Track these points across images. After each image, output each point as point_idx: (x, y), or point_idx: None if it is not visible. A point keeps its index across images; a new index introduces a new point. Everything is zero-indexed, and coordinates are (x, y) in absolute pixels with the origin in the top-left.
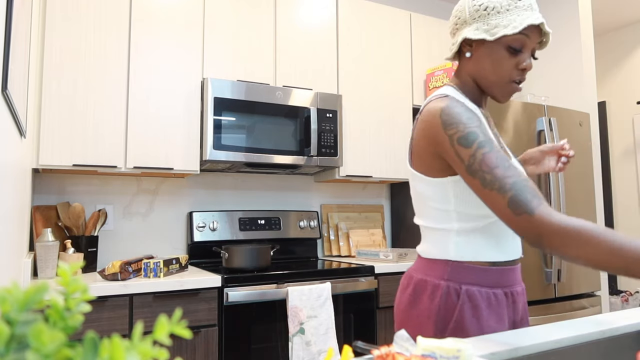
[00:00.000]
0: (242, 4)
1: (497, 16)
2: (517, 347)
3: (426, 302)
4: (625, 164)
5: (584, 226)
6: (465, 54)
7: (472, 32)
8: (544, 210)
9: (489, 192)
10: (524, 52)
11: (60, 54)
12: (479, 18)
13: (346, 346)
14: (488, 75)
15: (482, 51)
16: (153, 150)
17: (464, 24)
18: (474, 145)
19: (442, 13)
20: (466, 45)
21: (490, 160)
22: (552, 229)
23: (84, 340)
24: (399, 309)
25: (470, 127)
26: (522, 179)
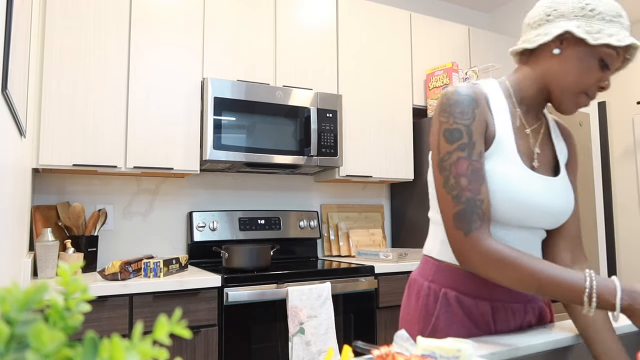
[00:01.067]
0: (242, 4)
1: (601, 22)
2: (517, 347)
3: (414, 302)
4: (625, 164)
5: (507, 253)
6: (552, 50)
7: (574, 27)
8: (479, 234)
9: (446, 195)
10: (610, 69)
11: (60, 54)
12: (582, 17)
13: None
14: (569, 80)
15: (573, 53)
16: (153, 150)
17: (561, 17)
18: (455, 144)
19: (442, 13)
20: (557, 41)
21: (461, 167)
22: (477, 251)
23: (84, 340)
24: (401, 307)
25: (460, 123)
26: (478, 197)
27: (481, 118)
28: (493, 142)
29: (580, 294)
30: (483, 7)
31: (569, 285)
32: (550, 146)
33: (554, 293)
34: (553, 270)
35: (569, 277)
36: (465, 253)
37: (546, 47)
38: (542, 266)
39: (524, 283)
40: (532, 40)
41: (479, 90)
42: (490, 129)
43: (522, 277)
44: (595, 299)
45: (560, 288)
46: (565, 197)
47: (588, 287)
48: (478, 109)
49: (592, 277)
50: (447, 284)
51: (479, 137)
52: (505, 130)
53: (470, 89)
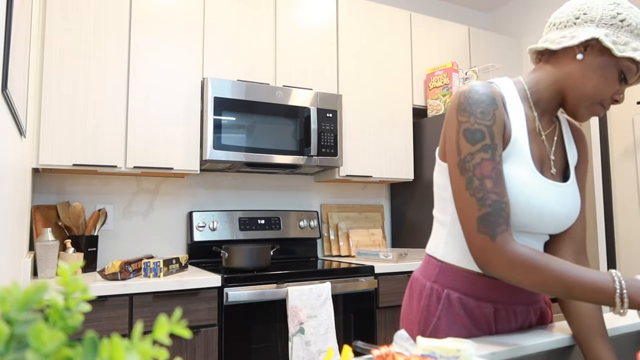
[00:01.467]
0: (242, 4)
1: (629, 35)
2: (517, 347)
3: (415, 302)
4: (625, 164)
5: (533, 256)
6: (575, 54)
7: (602, 36)
8: (505, 238)
9: (469, 197)
10: (627, 83)
11: (60, 54)
12: (611, 26)
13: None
14: (587, 88)
15: (596, 61)
16: (153, 150)
17: (590, 22)
18: (477, 145)
19: (442, 13)
20: (581, 46)
21: (486, 168)
22: (503, 256)
23: (84, 339)
24: (402, 306)
25: (481, 123)
26: (503, 200)
27: (500, 119)
28: (509, 144)
29: (611, 295)
30: (483, 7)
31: (597, 287)
32: (562, 150)
33: (582, 295)
34: (580, 272)
35: (596, 279)
36: (490, 258)
37: (569, 51)
38: (568, 268)
39: (550, 286)
40: (556, 41)
41: (496, 90)
42: (507, 130)
43: (548, 280)
44: (627, 299)
45: (588, 290)
46: (573, 204)
47: (618, 287)
48: (498, 109)
49: (619, 278)
50: (450, 285)
51: (500, 139)
52: (520, 133)
53: (489, 88)
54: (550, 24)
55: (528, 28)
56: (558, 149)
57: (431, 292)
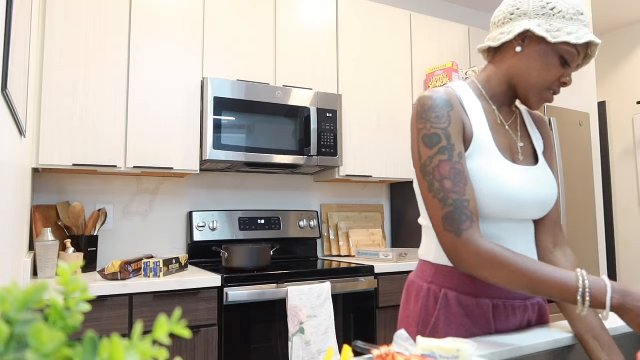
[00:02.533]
0: (242, 4)
1: (561, 21)
2: (517, 347)
3: (413, 304)
4: (625, 164)
5: (499, 253)
6: (514, 48)
7: (534, 26)
8: (470, 235)
9: (432, 199)
10: (570, 66)
11: (60, 54)
12: (542, 15)
13: (346, 346)
14: (532, 77)
15: (534, 50)
16: (153, 150)
17: (524, 15)
18: (434, 148)
19: (442, 13)
20: (519, 39)
21: (444, 169)
22: (469, 251)
23: (84, 339)
24: (400, 309)
25: (437, 127)
26: (465, 198)
27: (457, 119)
28: (472, 141)
29: (573, 294)
30: (483, 7)
31: (562, 285)
32: (527, 137)
33: (547, 292)
34: (545, 270)
35: (561, 277)
36: (458, 254)
37: (510, 45)
38: (535, 266)
39: (516, 282)
40: (496, 38)
41: (451, 92)
42: (468, 129)
43: (515, 277)
44: (589, 298)
45: (553, 287)
46: (548, 185)
47: (581, 286)
48: (453, 110)
49: (584, 277)
50: (447, 285)
51: (457, 138)
52: (482, 128)
53: (442, 92)
54: (492, 24)
55: None
56: (524, 136)
57: (428, 293)
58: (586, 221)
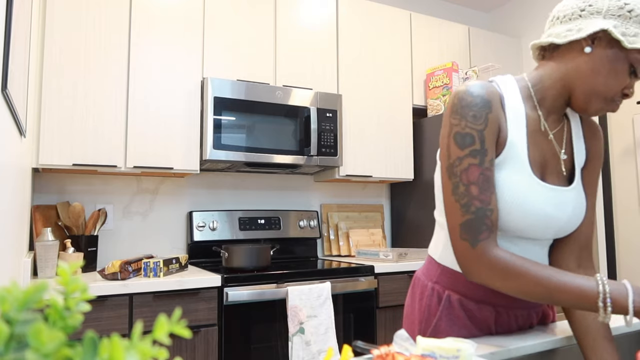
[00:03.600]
0: (242, 4)
1: (638, 25)
2: (517, 347)
3: (417, 302)
4: (625, 164)
5: (513, 261)
6: (582, 48)
7: (611, 27)
8: (485, 245)
9: (454, 202)
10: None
11: (60, 54)
12: (619, 17)
13: (346, 346)
14: (596, 82)
15: (605, 54)
16: (153, 149)
17: (597, 13)
18: (466, 150)
19: (442, 13)
20: (589, 39)
21: (473, 174)
22: (483, 263)
23: (84, 339)
24: (405, 305)
25: (472, 127)
26: (488, 207)
27: (494, 123)
28: (504, 148)
29: (594, 300)
30: (483, 7)
31: (580, 292)
32: (570, 150)
33: (566, 300)
34: (562, 277)
35: (580, 284)
36: (470, 265)
37: (576, 44)
38: (551, 273)
39: (531, 292)
40: (562, 35)
41: (494, 91)
42: (503, 134)
43: (530, 286)
44: (610, 303)
45: (571, 295)
46: (575, 209)
47: (602, 292)
48: (492, 113)
49: (604, 282)
50: (451, 287)
51: (491, 143)
52: (518, 136)
53: (485, 89)
54: (553, 18)
55: (528, 28)
56: (567, 148)
57: (432, 293)
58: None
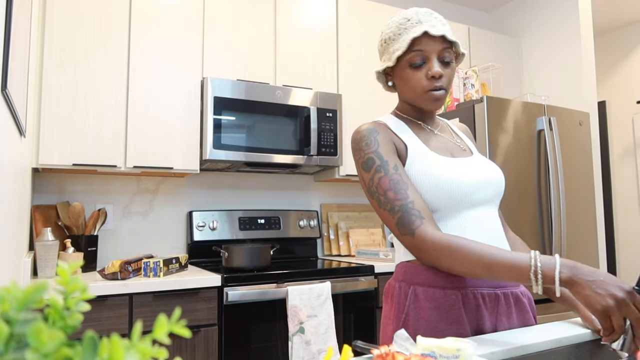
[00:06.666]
0: (242, 4)
1: (393, 43)
2: (517, 347)
3: (389, 304)
4: (625, 164)
5: (454, 241)
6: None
7: (380, 65)
8: (423, 230)
9: (383, 212)
10: (429, 62)
11: (60, 54)
12: (384, 52)
13: (346, 345)
14: (407, 94)
15: (395, 77)
16: (153, 149)
17: (381, 59)
18: (371, 170)
19: (442, 13)
20: (387, 76)
21: (384, 184)
22: (427, 245)
23: (83, 339)
24: None
25: (368, 152)
26: (409, 201)
27: (385, 140)
28: (407, 152)
29: (526, 273)
30: (483, 7)
31: (515, 265)
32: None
33: (502, 274)
34: (499, 252)
35: (515, 258)
36: (419, 251)
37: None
38: (490, 249)
39: (473, 268)
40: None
41: (377, 122)
42: (400, 144)
43: (471, 263)
44: (541, 275)
45: (507, 269)
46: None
47: (533, 265)
48: (380, 134)
49: (536, 256)
50: (415, 281)
51: (389, 155)
52: (413, 140)
53: (368, 124)
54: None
55: (528, 28)
56: (457, 138)
57: (400, 291)
58: (586, 221)
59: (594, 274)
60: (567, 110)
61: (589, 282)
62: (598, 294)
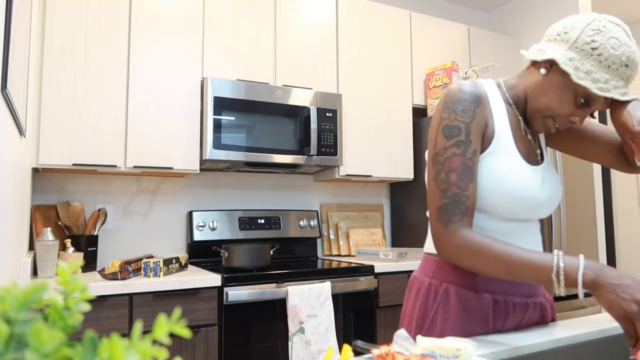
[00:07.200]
0: (242, 3)
1: (596, 65)
2: (517, 347)
3: (414, 299)
4: None
5: (477, 239)
6: (540, 68)
7: (564, 58)
8: (456, 227)
9: (435, 187)
10: (590, 108)
11: (60, 53)
12: (581, 51)
13: (346, 345)
14: (541, 101)
15: (556, 79)
16: (153, 149)
17: (565, 42)
18: (451, 140)
19: (442, 13)
20: (547, 62)
21: (454, 162)
22: (452, 243)
23: (83, 339)
24: (403, 306)
25: (460, 120)
26: (465, 193)
27: (481, 117)
28: (493, 139)
29: (548, 273)
30: (483, 7)
31: (536, 266)
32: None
33: (523, 274)
34: (521, 252)
35: (536, 258)
36: (441, 244)
37: (539, 64)
38: (510, 249)
39: (493, 267)
40: (532, 52)
41: (481, 89)
42: (490, 127)
43: (492, 262)
44: (563, 276)
45: (528, 269)
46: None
47: (555, 266)
48: (479, 107)
49: (559, 256)
50: (448, 279)
51: (477, 135)
52: (504, 129)
53: (474, 87)
54: (546, 34)
55: (528, 28)
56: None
57: (429, 288)
58: (586, 221)
59: (619, 278)
60: None
61: (614, 285)
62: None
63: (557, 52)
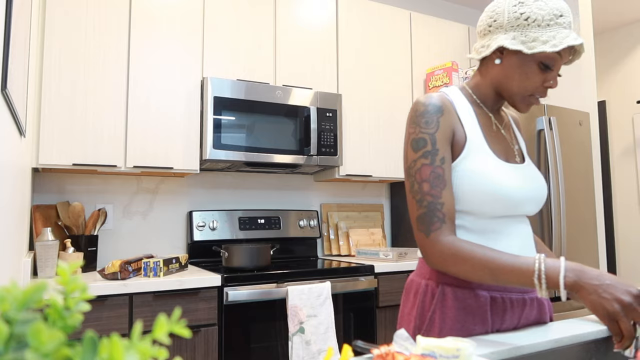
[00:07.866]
0: (242, 3)
1: (537, 29)
2: (517, 347)
3: (411, 301)
4: (625, 164)
5: (461, 246)
6: (494, 60)
7: (508, 41)
8: (437, 235)
9: (412, 199)
10: (554, 70)
11: (60, 53)
12: (517, 27)
13: (346, 345)
14: (512, 86)
15: (512, 61)
16: (153, 149)
17: (500, 28)
18: (419, 152)
19: (442, 13)
20: (497, 51)
21: (424, 173)
22: (435, 250)
23: (83, 339)
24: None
25: (424, 132)
26: (439, 201)
27: (446, 125)
28: (465, 144)
29: (530, 277)
30: (483, 7)
31: (519, 270)
32: (516, 139)
33: (506, 279)
34: (504, 257)
35: (519, 262)
36: (426, 252)
37: (489, 58)
38: (493, 254)
39: (477, 272)
40: (478, 50)
41: (445, 98)
42: (460, 133)
43: (476, 268)
44: (545, 280)
45: (511, 273)
46: (540, 182)
47: (537, 269)
48: (443, 116)
49: (541, 260)
50: (445, 280)
51: (443, 144)
52: (475, 131)
53: (437, 98)
54: (477, 32)
55: None
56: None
57: (426, 289)
58: (586, 221)
59: (600, 278)
60: (567, 110)
61: (595, 286)
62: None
63: (499, 39)
